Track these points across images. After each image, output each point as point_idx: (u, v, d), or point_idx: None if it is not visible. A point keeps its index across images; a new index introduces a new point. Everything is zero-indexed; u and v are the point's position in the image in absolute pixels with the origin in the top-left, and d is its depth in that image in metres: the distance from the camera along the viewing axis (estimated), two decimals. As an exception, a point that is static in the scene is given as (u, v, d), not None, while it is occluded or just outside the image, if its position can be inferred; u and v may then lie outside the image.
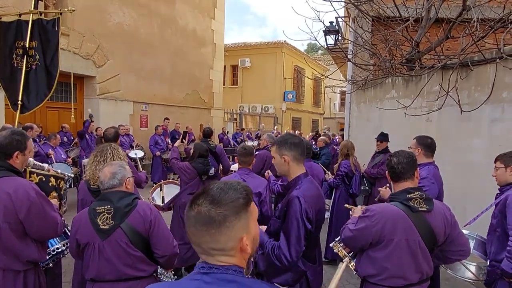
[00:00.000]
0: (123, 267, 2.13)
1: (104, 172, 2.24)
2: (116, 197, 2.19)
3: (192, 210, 1.00)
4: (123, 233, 2.12)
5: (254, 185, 3.35)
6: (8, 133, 2.23)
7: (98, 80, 10.12)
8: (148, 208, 2.23)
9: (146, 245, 2.19)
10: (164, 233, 2.22)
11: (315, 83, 26.93)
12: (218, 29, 14.92)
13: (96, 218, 2.13)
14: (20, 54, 4.02)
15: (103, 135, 3.96)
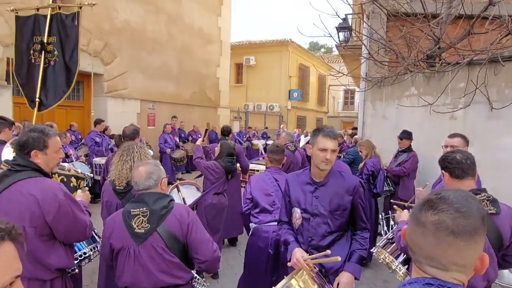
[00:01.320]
0: (160, 274, 1.99)
1: (139, 172, 2.11)
2: (152, 199, 2.05)
3: (430, 217, 0.89)
4: (159, 238, 1.99)
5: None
6: (26, 130, 2.09)
7: (105, 78, 9.98)
8: (185, 210, 2.10)
9: (183, 251, 2.06)
10: (203, 236, 2.08)
11: (319, 82, 26.79)
12: (225, 26, 14.77)
13: (131, 221, 2.01)
14: (37, 50, 3.87)
15: (122, 132, 3.82)
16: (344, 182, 2.29)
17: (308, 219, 2.28)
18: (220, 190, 4.13)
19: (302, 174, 2.42)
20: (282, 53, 21.20)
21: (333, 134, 2.21)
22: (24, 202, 1.87)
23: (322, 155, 2.18)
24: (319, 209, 2.26)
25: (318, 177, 2.29)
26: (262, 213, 3.20)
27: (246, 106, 20.84)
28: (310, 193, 2.30)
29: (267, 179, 3.21)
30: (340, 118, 30.64)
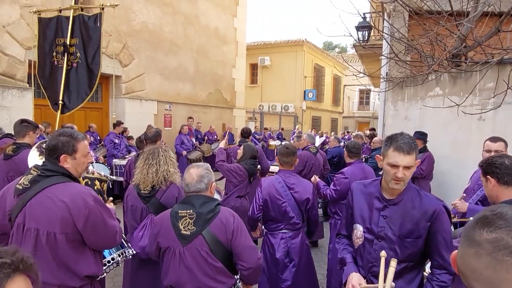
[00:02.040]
0: (203, 277, 1.99)
1: (190, 175, 2.12)
2: (199, 202, 2.06)
3: (486, 235, 0.78)
4: (204, 241, 1.99)
5: (302, 189, 3.12)
6: (56, 134, 2.03)
7: (123, 80, 10.05)
8: (231, 215, 2.07)
9: (227, 256, 2.04)
10: (248, 243, 2.05)
11: (334, 82, 26.54)
12: (240, 27, 14.73)
13: (178, 222, 2.02)
14: (60, 52, 3.87)
15: (144, 135, 3.79)
16: (421, 204, 1.88)
17: (372, 241, 1.94)
18: (243, 193, 4.06)
19: (371, 186, 2.04)
20: (297, 53, 21.05)
21: (408, 147, 1.77)
22: (54, 208, 1.83)
23: (392, 172, 1.81)
24: (386, 231, 1.90)
25: (390, 194, 1.92)
26: (271, 221, 3.13)
27: (261, 107, 20.77)
28: (377, 210, 1.94)
29: (278, 184, 3.09)
30: (355, 118, 30.31)
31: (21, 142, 3.46)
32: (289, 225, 3.05)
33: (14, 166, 3.39)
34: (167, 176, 2.82)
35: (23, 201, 1.86)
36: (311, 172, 4.96)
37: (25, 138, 3.48)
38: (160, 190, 2.88)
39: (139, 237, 2.86)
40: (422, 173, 5.16)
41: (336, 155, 6.56)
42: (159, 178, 2.79)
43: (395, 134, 1.91)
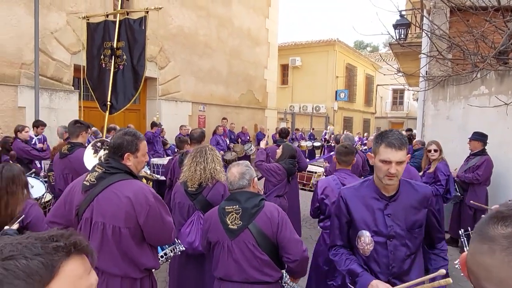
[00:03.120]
0: (250, 270, 2.07)
1: (232, 173, 2.22)
2: (244, 197, 2.15)
3: (501, 229, 0.73)
4: (250, 235, 2.07)
5: None
6: (121, 133, 2.13)
7: (160, 82, 10.34)
8: (275, 209, 2.14)
9: (273, 249, 2.10)
10: (292, 236, 2.11)
11: (367, 81, 26.01)
12: (272, 28, 14.78)
13: (225, 217, 2.12)
14: (108, 55, 4.05)
15: (190, 135, 3.91)
16: (416, 193, 1.93)
17: (384, 243, 1.89)
18: (282, 192, 4.08)
19: (362, 188, 1.99)
20: (329, 53, 20.82)
21: (399, 142, 1.79)
22: (120, 204, 1.94)
23: (385, 168, 1.80)
24: (395, 229, 1.87)
25: (387, 191, 1.90)
26: (327, 220, 3.12)
27: (291, 108, 20.70)
28: (380, 210, 1.90)
29: (334, 184, 3.08)
30: (388, 119, 29.52)
31: (75, 142, 3.66)
32: None
33: (69, 164, 3.59)
34: (213, 174, 2.90)
35: (91, 197, 1.98)
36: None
37: (78, 138, 3.68)
38: (207, 187, 2.95)
39: (187, 233, 2.95)
40: (479, 179, 4.70)
41: (374, 156, 6.43)
42: (206, 176, 2.87)
43: (385, 131, 1.93)
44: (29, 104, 7.23)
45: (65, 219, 2.15)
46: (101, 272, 2.00)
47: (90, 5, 8.35)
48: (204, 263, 3.03)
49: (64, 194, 2.20)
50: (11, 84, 7.04)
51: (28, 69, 7.24)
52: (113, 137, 2.16)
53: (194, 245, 2.90)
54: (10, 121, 6.94)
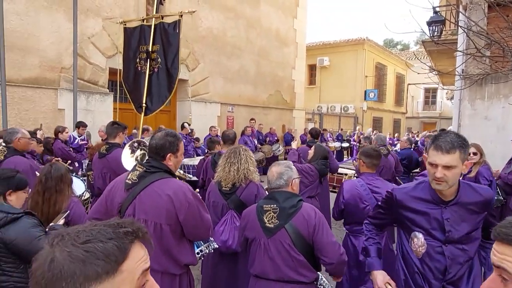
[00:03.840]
0: (286, 269, 2.08)
1: (271, 172, 2.26)
2: (282, 197, 2.16)
3: None
4: (287, 234, 2.08)
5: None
6: (162, 134, 2.20)
7: (190, 83, 10.54)
8: (312, 211, 2.14)
9: (309, 250, 2.10)
10: (329, 239, 2.10)
11: (397, 81, 25.35)
12: (301, 28, 14.71)
13: (263, 216, 2.14)
14: (143, 58, 4.19)
15: (223, 136, 3.98)
16: (478, 196, 1.83)
17: (439, 247, 1.83)
18: (314, 193, 4.07)
19: (417, 189, 1.92)
20: (358, 52, 20.47)
21: (448, 145, 1.70)
22: (161, 202, 2.01)
23: (431, 171, 1.77)
24: (453, 234, 1.81)
25: (444, 195, 1.82)
26: (354, 224, 3.08)
27: (319, 108, 20.51)
28: (436, 214, 1.83)
29: (360, 187, 3.03)
30: (419, 119, 28.63)
31: (113, 142, 3.81)
32: None
33: (107, 164, 3.74)
34: (247, 174, 2.94)
35: (133, 195, 2.07)
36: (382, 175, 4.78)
37: (116, 139, 3.83)
38: (240, 187, 3.00)
39: (220, 231, 3.00)
40: None
41: (406, 157, 6.28)
42: (240, 176, 2.91)
43: (440, 132, 1.86)
44: (68, 106, 7.58)
45: (106, 215, 2.24)
46: None
47: (124, 10, 8.65)
48: (237, 262, 3.07)
49: (105, 192, 2.30)
50: (51, 87, 7.41)
51: (67, 73, 7.59)
52: (152, 137, 2.23)
53: (228, 243, 2.94)
54: (51, 122, 7.31)
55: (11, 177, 2.34)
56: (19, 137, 3.59)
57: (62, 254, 0.68)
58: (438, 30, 8.27)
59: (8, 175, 2.35)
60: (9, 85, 6.46)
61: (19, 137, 3.59)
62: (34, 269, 0.70)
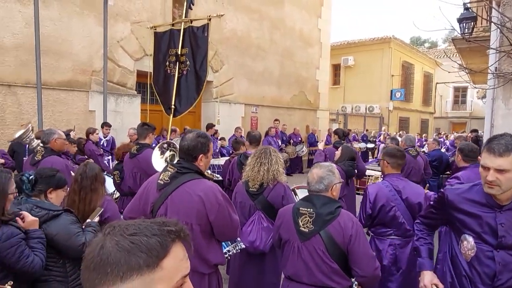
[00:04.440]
0: (319, 274, 2.05)
1: (312, 174, 2.21)
2: (320, 202, 2.11)
3: None
4: (321, 241, 2.04)
5: (413, 193, 2.96)
6: (194, 135, 2.23)
7: (214, 85, 10.65)
8: (350, 220, 2.07)
9: (343, 258, 2.05)
10: (365, 251, 2.03)
11: (425, 80, 24.66)
12: (325, 27, 14.58)
13: (298, 218, 2.11)
14: (172, 61, 4.29)
15: (249, 137, 4.01)
16: None
17: (490, 252, 1.80)
18: (340, 195, 4.01)
19: (471, 192, 1.89)
20: (383, 51, 20.05)
21: (502, 148, 1.66)
22: (191, 202, 2.06)
23: (483, 174, 1.75)
24: (506, 240, 1.75)
25: (499, 200, 1.77)
26: (379, 226, 3.03)
27: (343, 108, 20.26)
28: (489, 218, 1.79)
29: (386, 189, 2.96)
30: (448, 119, 27.77)
31: (143, 143, 3.92)
32: (399, 232, 2.92)
33: (137, 164, 3.85)
34: (276, 175, 2.95)
35: (165, 195, 2.12)
36: (410, 176, 4.69)
37: (146, 139, 3.94)
38: (268, 188, 3.02)
39: (248, 232, 3.02)
40: None
41: (436, 158, 6.11)
42: (270, 177, 2.93)
43: (497, 134, 1.82)
44: (98, 108, 7.84)
45: (140, 214, 2.31)
46: None
47: (152, 14, 8.86)
48: (264, 262, 3.09)
49: (139, 192, 2.37)
50: (83, 90, 7.69)
51: (98, 76, 7.86)
52: (182, 139, 2.26)
53: (255, 244, 2.97)
54: (82, 123, 7.59)
55: (52, 176, 2.46)
56: (55, 137, 3.75)
57: (111, 242, 0.74)
58: (469, 27, 7.98)
59: (49, 174, 2.46)
60: (44, 88, 6.75)
61: (56, 138, 3.76)
62: (86, 253, 0.77)
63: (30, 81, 6.74)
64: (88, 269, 0.74)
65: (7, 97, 6.58)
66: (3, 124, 6.55)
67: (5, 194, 2.02)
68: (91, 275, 0.74)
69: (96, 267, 0.73)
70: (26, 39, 6.68)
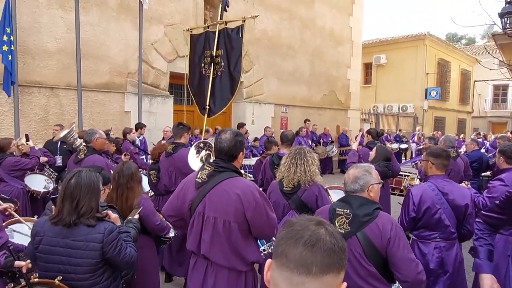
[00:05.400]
0: (355, 276, 2.00)
1: (348, 174, 2.17)
2: (357, 203, 2.06)
3: None
4: (358, 243, 1.99)
5: (459, 195, 2.84)
6: (232, 135, 2.24)
7: (245, 85, 10.72)
8: (389, 222, 2.01)
9: (381, 262, 1.98)
10: (405, 254, 1.95)
11: (462, 77, 23.65)
12: (356, 25, 14.32)
13: (334, 219, 2.07)
14: (207, 63, 4.37)
15: (282, 137, 4.02)
16: None
17: None
18: (375, 196, 3.94)
19: None
20: (418, 49, 19.40)
21: None
22: (229, 200, 2.09)
23: None
24: None
25: None
26: (423, 229, 2.92)
27: (375, 108, 19.79)
28: None
29: (431, 191, 2.85)
30: (487, 118, 26.50)
31: (178, 142, 4.02)
32: (444, 235, 2.82)
33: (173, 163, 3.95)
34: (312, 176, 2.94)
35: (203, 193, 2.16)
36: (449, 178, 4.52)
37: (181, 139, 4.04)
38: (302, 188, 3.01)
39: (282, 232, 3.03)
40: None
41: (476, 159, 5.85)
42: (307, 178, 2.92)
43: None
44: (133, 109, 8.10)
45: (177, 212, 2.37)
46: (211, 263, 2.17)
47: (184, 16, 9.05)
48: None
49: (177, 190, 2.43)
50: (119, 91, 7.98)
51: (133, 78, 8.13)
52: (219, 140, 2.25)
53: None
54: (118, 124, 7.87)
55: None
56: (97, 137, 3.93)
57: None
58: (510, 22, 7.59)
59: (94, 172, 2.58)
60: (83, 90, 7.07)
61: (97, 137, 3.93)
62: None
63: (71, 83, 7.08)
64: (327, 252, 0.84)
65: (50, 99, 6.94)
66: (46, 124, 6.91)
67: (99, 192, 2.15)
68: (332, 259, 0.84)
69: (333, 253, 0.85)
70: (68, 43, 7.02)
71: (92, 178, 2.11)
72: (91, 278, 2.01)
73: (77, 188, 2.02)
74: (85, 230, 2.00)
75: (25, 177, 4.72)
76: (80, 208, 2.00)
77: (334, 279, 0.85)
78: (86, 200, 2.02)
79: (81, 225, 2.00)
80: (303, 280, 0.82)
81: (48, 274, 1.98)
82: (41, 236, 2.01)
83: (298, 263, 0.83)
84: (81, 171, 2.13)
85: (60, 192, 2.06)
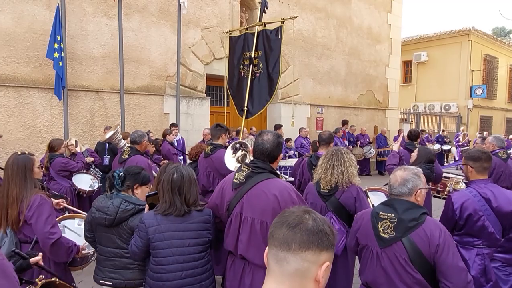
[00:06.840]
0: (400, 284, 1.93)
1: (395, 176, 2.08)
2: (402, 207, 1.98)
3: None
4: (403, 249, 1.91)
5: (505, 200, 2.67)
6: (273, 137, 2.25)
7: (280, 86, 10.69)
8: (437, 228, 1.91)
9: (429, 269, 1.89)
10: (454, 263, 1.86)
11: (511, 74, 22.21)
12: (395, 22, 13.87)
13: (378, 223, 2.01)
14: (246, 64, 4.41)
15: (318, 137, 3.98)
16: None
17: None
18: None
19: None
20: (462, 45, 18.46)
21: None
22: (267, 201, 2.10)
23: None
24: None
25: None
26: (465, 235, 2.77)
27: (415, 107, 19.05)
28: None
29: (473, 197, 2.69)
30: (541, 117, 24.61)
31: (216, 143, 4.10)
32: (488, 242, 2.68)
33: (211, 163, 4.03)
34: (351, 178, 2.89)
35: (241, 194, 2.19)
36: (500, 182, 4.26)
37: (219, 140, 4.11)
38: (340, 189, 2.96)
39: (319, 234, 3.00)
40: None
41: (528, 161, 5.46)
42: (344, 179, 2.88)
43: None
44: (172, 110, 8.35)
45: (218, 213, 2.42)
46: (248, 263, 2.19)
47: (220, 19, 9.21)
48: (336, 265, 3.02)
49: (215, 191, 2.48)
50: (158, 94, 8.26)
51: (171, 80, 8.38)
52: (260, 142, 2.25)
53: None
54: (158, 125, 8.15)
55: (138, 173, 2.68)
56: (146, 139, 4.12)
57: None
58: None
59: (136, 172, 2.69)
60: (126, 93, 7.39)
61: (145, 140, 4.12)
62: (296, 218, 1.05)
63: (115, 87, 7.42)
64: (306, 232, 0.97)
65: (95, 102, 7.32)
66: (92, 126, 7.30)
67: (196, 182, 2.39)
68: (310, 237, 0.96)
69: (312, 233, 0.97)
70: (112, 49, 7.37)
71: (189, 170, 2.35)
72: (206, 256, 2.29)
73: (182, 182, 2.26)
74: (197, 214, 2.28)
75: (72, 176, 5.05)
76: (188, 199, 2.26)
77: (314, 256, 0.97)
78: (191, 191, 2.28)
79: (193, 211, 2.27)
80: (285, 255, 0.97)
81: (161, 254, 2.20)
82: (155, 226, 2.21)
83: (282, 241, 0.99)
84: (178, 166, 2.35)
85: (166, 186, 2.25)
